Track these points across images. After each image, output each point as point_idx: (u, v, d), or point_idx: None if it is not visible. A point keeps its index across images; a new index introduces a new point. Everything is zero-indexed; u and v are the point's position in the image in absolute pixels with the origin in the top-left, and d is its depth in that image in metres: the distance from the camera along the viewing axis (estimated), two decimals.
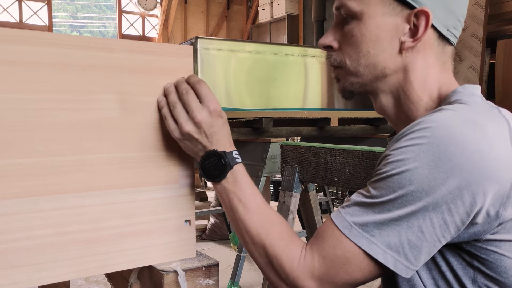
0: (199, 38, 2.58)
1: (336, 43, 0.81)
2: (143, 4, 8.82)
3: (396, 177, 0.68)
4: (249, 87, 2.75)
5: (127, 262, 0.84)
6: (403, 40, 0.76)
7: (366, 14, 0.76)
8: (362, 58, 0.78)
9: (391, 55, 0.77)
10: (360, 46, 0.77)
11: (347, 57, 0.80)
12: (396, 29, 0.76)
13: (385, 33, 0.76)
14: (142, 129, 0.83)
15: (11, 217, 0.73)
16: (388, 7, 0.75)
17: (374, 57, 0.77)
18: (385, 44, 0.76)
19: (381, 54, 0.77)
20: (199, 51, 2.56)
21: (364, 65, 0.78)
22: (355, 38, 0.78)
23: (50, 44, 0.75)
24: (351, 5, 0.77)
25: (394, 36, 0.76)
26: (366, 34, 0.76)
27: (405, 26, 0.75)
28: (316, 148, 1.92)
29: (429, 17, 0.73)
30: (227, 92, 2.67)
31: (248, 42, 2.88)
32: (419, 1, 0.74)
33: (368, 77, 0.79)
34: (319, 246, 0.73)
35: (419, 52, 0.77)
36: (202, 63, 2.58)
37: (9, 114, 0.72)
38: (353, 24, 0.78)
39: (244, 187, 0.80)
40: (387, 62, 0.77)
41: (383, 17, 0.75)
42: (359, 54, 0.78)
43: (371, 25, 0.76)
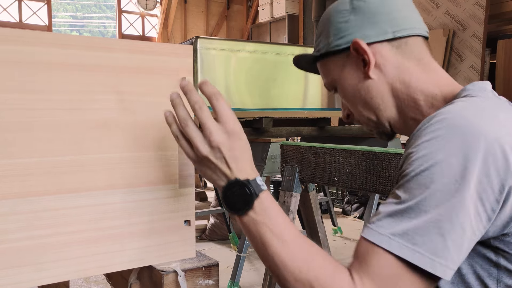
0: (199, 38, 2.58)
1: (348, 110, 0.92)
2: (143, 3, 8.81)
3: (426, 173, 0.65)
4: (249, 87, 2.75)
5: (127, 262, 0.84)
6: (363, 71, 0.84)
7: (334, 79, 0.89)
8: (359, 107, 0.87)
9: (368, 87, 0.84)
10: (351, 100, 0.88)
11: (355, 113, 0.90)
12: (355, 69, 0.85)
13: (352, 79, 0.85)
14: (142, 129, 0.83)
15: (11, 217, 0.73)
16: (340, 62, 0.86)
17: (361, 99, 0.85)
18: (357, 85, 0.85)
19: (362, 92, 0.85)
20: (199, 51, 2.56)
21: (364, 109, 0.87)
22: (345, 99, 0.89)
23: (50, 44, 0.75)
24: (326, 81, 0.91)
25: (358, 74, 0.85)
26: (346, 90, 0.87)
27: (357, 61, 0.84)
28: (316, 148, 1.92)
29: (358, 43, 0.81)
30: (227, 92, 2.66)
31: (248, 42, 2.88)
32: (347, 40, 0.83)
33: (373, 115, 0.86)
34: (364, 270, 0.66)
35: (386, 65, 0.82)
36: (202, 63, 2.58)
37: (9, 114, 0.72)
38: (338, 91, 0.90)
39: (275, 216, 0.71)
40: (371, 93, 0.84)
41: (343, 72, 0.86)
42: (356, 106, 0.88)
43: (342, 83, 0.87)
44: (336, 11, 0.86)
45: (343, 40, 0.84)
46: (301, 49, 2.97)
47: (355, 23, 0.83)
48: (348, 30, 0.83)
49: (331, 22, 0.86)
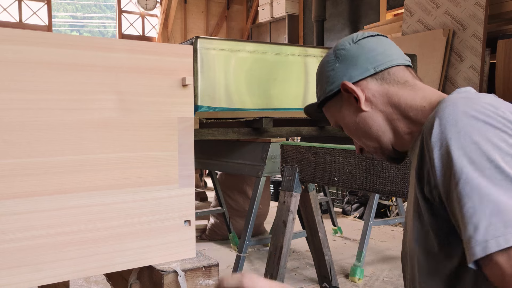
0: (199, 38, 2.58)
1: (359, 145, 1.03)
2: (143, 3, 8.81)
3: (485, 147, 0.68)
4: (249, 87, 2.75)
5: (127, 262, 0.83)
6: (356, 106, 0.95)
7: (336, 119, 1.01)
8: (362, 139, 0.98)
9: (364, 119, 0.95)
10: (355, 135, 0.99)
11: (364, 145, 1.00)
12: (350, 107, 0.96)
13: (350, 115, 0.97)
14: (142, 129, 0.83)
15: (11, 217, 0.73)
16: (336, 104, 0.99)
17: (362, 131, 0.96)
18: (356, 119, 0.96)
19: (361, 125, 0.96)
20: (199, 51, 2.56)
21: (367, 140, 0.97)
22: (350, 134, 1.01)
23: (50, 44, 0.75)
24: (331, 124, 1.04)
25: (354, 110, 0.96)
26: (348, 127, 0.99)
27: (350, 99, 0.95)
28: (316, 148, 1.92)
29: (346, 84, 0.93)
30: (227, 92, 2.66)
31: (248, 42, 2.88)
32: (336, 84, 0.96)
33: (376, 143, 0.96)
34: None
35: (375, 96, 0.93)
36: (202, 63, 2.58)
37: (9, 114, 0.72)
38: (343, 129, 1.02)
39: None
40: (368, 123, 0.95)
41: (341, 111, 0.99)
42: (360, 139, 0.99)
43: (343, 122, 1.00)
44: (325, 63, 1.00)
45: (334, 85, 0.97)
46: (301, 49, 2.97)
47: (341, 69, 0.96)
48: (336, 76, 0.96)
49: (322, 72, 1.01)
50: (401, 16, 5.16)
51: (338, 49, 0.98)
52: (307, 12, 8.20)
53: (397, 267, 3.22)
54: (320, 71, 1.02)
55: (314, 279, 2.95)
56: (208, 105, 2.57)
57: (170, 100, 0.86)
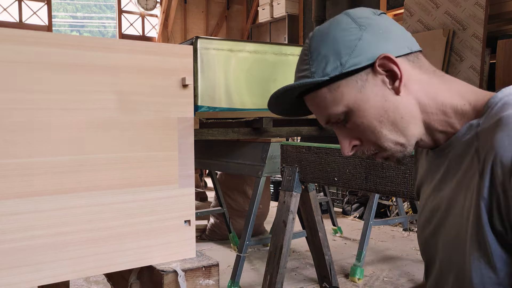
0: (199, 38, 2.58)
1: (355, 141, 0.82)
2: (143, 3, 8.81)
3: None
4: (249, 87, 2.75)
5: (127, 262, 0.84)
6: (391, 87, 0.77)
7: (349, 104, 0.77)
8: (384, 130, 0.78)
9: (396, 105, 0.77)
10: (373, 125, 0.78)
11: (375, 141, 0.80)
12: (379, 87, 0.77)
13: (376, 99, 0.77)
14: (142, 129, 0.83)
15: (11, 217, 0.73)
16: (357, 83, 0.77)
17: (388, 120, 0.77)
18: (384, 104, 0.77)
19: (390, 112, 0.77)
20: (199, 51, 2.56)
21: (390, 132, 0.78)
22: (363, 125, 0.78)
23: (50, 44, 0.75)
24: (333, 111, 0.79)
25: (383, 92, 0.77)
26: (366, 114, 0.77)
27: (382, 78, 0.76)
28: (316, 148, 1.92)
29: (389, 57, 0.75)
30: (227, 92, 2.66)
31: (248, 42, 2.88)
32: (367, 56, 0.75)
33: (401, 136, 0.79)
34: None
35: (409, 80, 0.77)
36: (202, 63, 2.58)
37: (9, 114, 0.72)
38: (351, 119, 0.79)
39: None
40: (400, 111, 0.77)
41: (362, 92, 0.77)
42: (378, 130, 0.78)
43: (361, 106, 0.77)
44: (341, 29, 0.77)
45: (362, 57, 0.75)
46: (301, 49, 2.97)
47: (370, 39, 0.76)
48: (365, 47, 0.75)
49: (340, 41, 0.76)
50: (401, 16, 5.16)
51: (358, 18, 0.78)
52: (307, 12, 8.20)
53: (397, 267, 3.22)
54: (332, 39, 0.77)
55: (314, 279, 2.95)
56: (208, 105, 2.57)
57: (170, 100, 0.86)
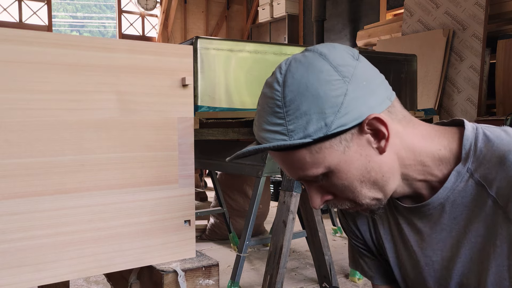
0: (199, 38, 2.58)
1: (327, 195, 0.77)
2: (143, 3, 8.81)
3: None
4: (249, 87, 2.75)
5: (127, 262, 0.84)
6: (377, 146, 0.72)
7: (331, 166, 0.72)
8: (363, 189, 0.75)
9: (379, 164, 0.73)
10: (353, 185, 0.74)
11: (351, 199, 0.76)
12: (364, 147, 0.72)
13: (360, 159, 0.72)
14: (142, 129, 0.83)
15: (11, 217, 0.73)
16: (341, 144, 0.70)
17: (369, 179, 0.74)
18: (367, 165, 0.73)
19: (372, 172, 0.73)
20: (199, 51, 2.56)
21: (369, 190, 0.75)
22: (342, 185, 0.74)
23: (50, 44, 0.75)
24: (312, 172, 0.73)
25: (368, 152, 0.72)
26: (348, 175, 0.73)
27: (367, 137, 0.71)
28: None
29: (379, 117, 0.70)
30: (227, 92, 2.66)
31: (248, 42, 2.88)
32: (354, 116, 0.69)
33: (380, 192, 0.76)
34: None
35: (391, 137, 0.73)
36: (202, 63, 2.58)
37: (10, 114, 0.72)
38: (329, 178, 0.74)
39: None
40: (382, 170, 0.74)
41: (346, 154, 0.71)
42: (357, 189, 0.75)
43: (343, 168, 0.72)
44: (324, 82, 0.68)
45: (349, 116, 0.68)
46: (301, 49, 2.97)
47: (356, 94, 0.69)
48: (351, 104, 0.68)
49: (323, 97, 0.67)
50: (401, 16, 5.16)
51: (340, 65, 0.70)
52: (307, 12, 8.21)
53: None
54: (315, 94, 0.68)
55: (314, 279, 2.95)
56: (208, 105, 2.57)
57: (170, 100, 0.86)
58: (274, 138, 0.70)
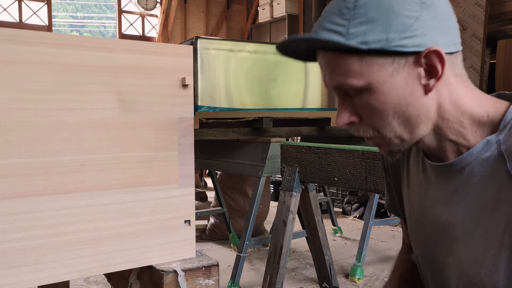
0: (199, 38, 2.58)
1: (355, 117, 0.75)
2: (143, 3, 8.81)
3: None
4: (249, 87, 2.75)
5: (127, 262, 0.84)
6: (425, 83, 0.70)
7: (374, 82, 0.70)
8: (392, 121, 0.72)
9: (419, 102, 0.71)
10: (386, 112, 0.71)
11: (377, 127, 0.74)
12: (412, 78, 0.69)
13: (404, 88, 0.70)
14: (142, 129, 0.83)
15: (11, 217, 0.73)
16: (392, 65, 0.68)
17: (404, 114, 0.71)
18: (408, 97, 0.70)
19: (410, 107, 0.71)
20: (199, 51, 2.56)
21: (398, 125, 0.72)
22: (375, 108, 0.71)
23: (50, 44, 0.75)
24: (353, 82, 0.70)
25: (414, 85, 0.70)
26: (386, 99, 0.70)
27: (419, 70, 0.69)
28: (316, 148, 1.92)
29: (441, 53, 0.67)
30: (227, 92, 2.66)
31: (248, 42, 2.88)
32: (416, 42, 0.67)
33: (407, 132, 0.73)
34: None
35: (442, 81, 0.70)
36: (202, 63, 2.58)
37: (10, 114, 0.72)
38: (365, 96, 0.71)
39: None
40: (419, 110, 0.71)
41: (393, 77, 0.69)
42: (388, 119, 0.72)
43: (386, 89, 0.70)
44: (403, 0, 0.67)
45: (412, 41, 0.67)
46: None
47: (428, 23, 0.67)
48: (419, 30, 0.67)
49: (395, 12, 0.66)
50: None
51: None
52: (307, 12, 8.21)
53: None
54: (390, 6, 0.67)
55: (314, 279, 2.95)
56: (208, 105, 2.57)
57: (170, 100, 0.86)
58: (331, 37, 0.68)
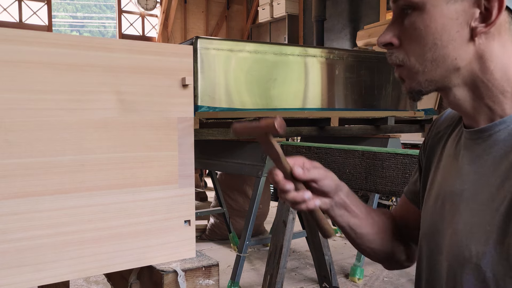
0: (199, 38, 2.58)
1: (396, 39, 0.73)
2: (143, 3, 8.82)
3: None
4: (249, 87, 2.75)
5: (127, 262, 0.84)
6: (474, 25, 0.67)
7: (428, 3, 0.68)
8: (428, 52, 0.69)
9: (462, 44, 0.68)
10: (425, 39, 0.69)
11: (411, 54, 0.71)
12: (464, 15, 0.67)
13: (452, 20, 0.67)
14: (142, 129, 0.83)
15: (11, 217, 0.73)
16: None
17: (442, 48, 0.68)
18: (453, 33, 0.67)
19: (450, 44, 0.68)
20: (199, 51, 2.56)
21: (431, 60, 0.70)
22: (418, 31, 0.69)
23: (50, 44, 0.75)
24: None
25: (463, 23, 0.67)
26: (430, 25, 0.68)
27: (475, 11, 0.66)
28: (316, 148, 1.92)
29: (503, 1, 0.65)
30: (227, 92, 2.66)
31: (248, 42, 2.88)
32: None
33: (437, 72, 0.70)
34: None
35: (494, 38, 0.67)
36: (202, 63, 2.58)
37: (10, 114, 0.72)
38: (415, 16, 0.69)
39: None
40: (458, 52, 0.68)
41: (448, 4, 0.67)
42: (425, 48, 0.70)
43: (435, 14, 0.67)
44: None
45: None
46: (301, 49, 2.97)
47: None
48: None
49: None
50: None
51: None
52: (307, 12, 8.21)
53: None
54: None
55: (314, 279, 2.95)
56: (208, 105, 2.57)
57: (170, 100, 0.86)
58: None
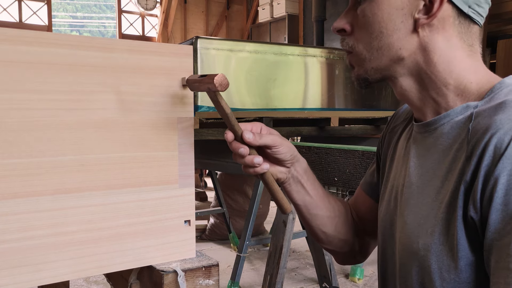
0: (199, 38, 2.58)
1: (348, 26, 0.76)
2: (143, 3, 8.82)
3: None
4: (249, 87, 2.75)
5: (127, 262, 0.84)
6: (417, 17, 0.69)
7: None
8: (374, 40, 0.72)
9: (406, 34, 0.70)
10: (372, 26, 0.72)
11: (360, 41, 0.74)
12: (409, 6, 0.69)
13: (398, 10, 0.70)
14: (142, 129, 0.83)
15: (11, 217, 0.73)
16: None
17: (387, 37, 0.71)
18: (398, 23, 0.70)
19: (395, 34, 0.70)
20: (199, 51, 2.56)
21: (377, 48, 0.72)
22: (366, 18, 0.72)
23: (50, 44, 0.75)
24: None
25: (407, 14, 0.69)
26: (377, 13, 0.71)
27: (419, 3, 0.69)
28: (316, 148, 1.92)
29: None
30: (227, 92, 2.66)
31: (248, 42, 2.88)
32: None
33: (382, 60, 0.73)
34: None
35: (438, 31, 0.69)
36: (202, 63, 2.58)
37: (10, 114, 0.72)
38: (365, 4, 0.72)
39: None
40: (402, 42, 0.71)
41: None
42: (372, 35, 0.72)
43: (382, 3, 0.70)
44: None
45: None
46: (301, 49, 2.97)
47: None
48: None
49: None
50: None
51: None
52: (307, 12, 8.21)
53: None
54: None
55: (314, 279, 2.95)
56: (208, 105, 2.57)
57: (170, 100, 0.86)
58: None
